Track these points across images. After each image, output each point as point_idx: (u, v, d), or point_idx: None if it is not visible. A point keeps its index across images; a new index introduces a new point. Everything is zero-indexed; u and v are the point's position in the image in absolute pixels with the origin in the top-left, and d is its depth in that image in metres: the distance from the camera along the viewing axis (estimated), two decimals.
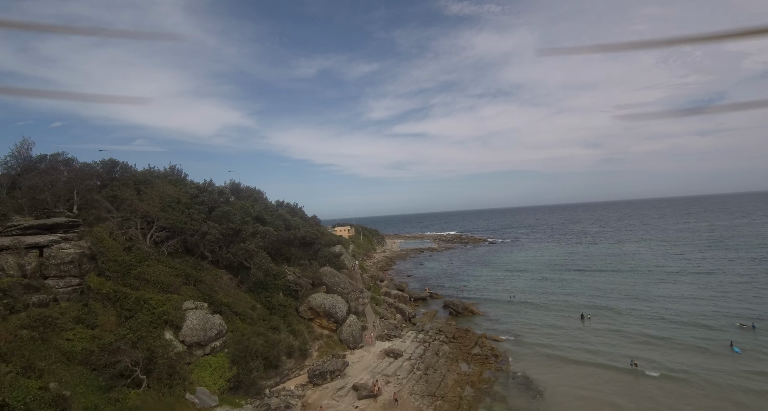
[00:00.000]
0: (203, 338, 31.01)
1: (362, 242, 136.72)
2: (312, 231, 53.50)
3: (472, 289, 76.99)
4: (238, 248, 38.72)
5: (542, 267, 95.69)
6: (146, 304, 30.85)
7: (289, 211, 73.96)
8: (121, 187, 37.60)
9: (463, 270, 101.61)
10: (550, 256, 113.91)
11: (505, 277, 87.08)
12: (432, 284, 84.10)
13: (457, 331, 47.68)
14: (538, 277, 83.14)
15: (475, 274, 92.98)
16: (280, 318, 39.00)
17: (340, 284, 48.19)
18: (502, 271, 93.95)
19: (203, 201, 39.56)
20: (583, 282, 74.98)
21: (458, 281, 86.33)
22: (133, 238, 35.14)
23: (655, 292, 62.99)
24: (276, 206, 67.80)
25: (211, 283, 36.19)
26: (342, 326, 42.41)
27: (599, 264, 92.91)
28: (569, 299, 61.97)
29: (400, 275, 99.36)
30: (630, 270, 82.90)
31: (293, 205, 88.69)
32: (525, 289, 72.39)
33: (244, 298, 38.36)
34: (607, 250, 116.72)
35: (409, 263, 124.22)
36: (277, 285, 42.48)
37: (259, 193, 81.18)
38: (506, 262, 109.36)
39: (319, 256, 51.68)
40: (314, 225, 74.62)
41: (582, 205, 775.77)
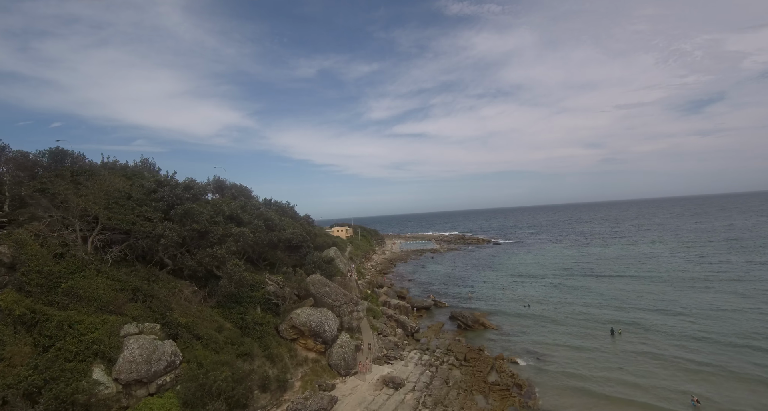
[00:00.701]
0: (147, 374, 23.88)
1: (360, 243, 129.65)
2: (299, 233, 46.42)
3: (480, 296, 69.90)
4: (205, 254, 31.62)
5: (554, 271, 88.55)
6: (72, 328, 23.77)
7: (278, 210, 66.91)
8: (53, 179, 30.40)
9: (468, 274, 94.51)
10: (561, 258, 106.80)
11: (515, 282, 79.96)
12: (436, 291, 77.03)
13: (468, 351, 40.54)
14: (551, 283, 76.02)
15: (482, 279, 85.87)
16: (255, 340, 31.88)
17: (330, 295, 41.11)
18: (511, 276, 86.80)
19: (162, 197, 32.49)
20: (602, 289, 67.82)
21: (464, 287, 79.27)
22: (70, 243, 28.04)
23: (687, 303, 55.88)
24: (261, 204, 60.69)
25: (167, 299, 29.06)
26: (332, 348, 35.32)
27: (616, 268, 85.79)
28: (590, 311, 54.77)
29: (400, 280, 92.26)
30: (651, 276, 75.78)
31: (284, 203, 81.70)
32: (539, 298, 65.27)
33: (210, 316, 31.24)
34: (621, 252, 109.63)
35: (410, 266, 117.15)
36: (254, 298, 35.37)
37: (246, 190, 74.21)
38: (514, 265, 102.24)
39: (307, 262, 44.61)
40: (306, 225, 67.58)
41: (583, 205, 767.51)
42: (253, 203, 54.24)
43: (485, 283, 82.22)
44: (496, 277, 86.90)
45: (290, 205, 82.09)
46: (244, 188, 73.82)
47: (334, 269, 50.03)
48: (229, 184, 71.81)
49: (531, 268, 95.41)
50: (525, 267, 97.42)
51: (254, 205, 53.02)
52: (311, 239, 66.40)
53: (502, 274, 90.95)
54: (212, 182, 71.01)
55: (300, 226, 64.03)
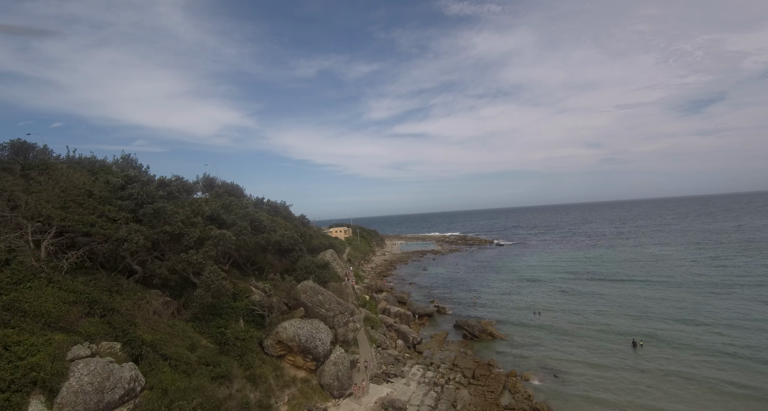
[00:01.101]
0: (97, 405, 19.86)
1: (359, 245, 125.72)
2: (290, 235, 42.42)
3: (485, 302, 65.88)
4: (178, 260, 27.63)
5: (561, 275, 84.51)
6: (8, 351, 19.82)
7: (270, 210, 62.99)
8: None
9: (471, 277, 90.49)
10: (567, 261, 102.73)
11: (522, 287, 75.91)
12: (438, 295, 73.05)
13: (476, 367, 36.52)
14: (559, 288, 71.96)
15: (487, 283, 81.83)
16: (235, 358, 27.93)
17: (324, 304, 37.14)
18: (516, 280, 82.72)
19: (131, 195, 28.55)
20: (614, 295, 63.74)
21: (468, 291, 75.27)
22: (18, 249, 24.09)
23: (710, 312, 51.84)
24: (250, 204, 56.75)
25: (131, 313, 25.09)
26: (324, 365, 31.33)
27: (626, 272, 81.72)
28: (605, 321, 50.62)
29: (400, 283, 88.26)
30: (666, 280, 71.72)
31: (279, 203, 77.86)
32: (548, 304, 61.23)
33: (184, 331, 27.27)
34: (629, 254, 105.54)
35: (411, 268, 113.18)
36: (236, 309, 31.43)
37: (238, 189, 70.42)
38: (519, 267, 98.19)
39: (299, 267, 40.60)
40: (300, 226, 63.65)
41: (584, 205, 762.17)
42: (241, 202, 50.27)
43: (489, 287, 78.21)
44: (501, 281, 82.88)
45: (285, 204, 78.31)
46: (236, 187, 70.03)
47: (328, 274, 46.07)
48: (219, 182, 68.02)
49: (537, 271, 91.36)
50: (530, 270, 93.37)
51: (243, 204, 49.04)
52: (306, 241, 62.52)
53: (506, 277, 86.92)
54: (201, 181, 67.23)
55: (294, 228, 60.14)
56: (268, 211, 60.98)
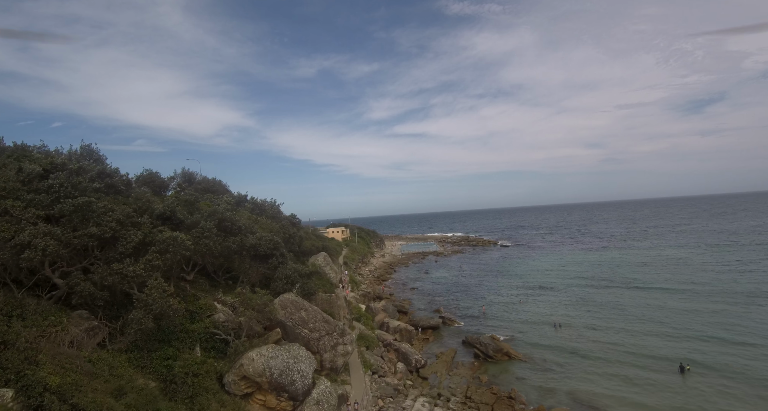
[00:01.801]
0: None
1: (357, 246, 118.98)
2: (268, 238, 35.52)
3: (495, 311, 59.09)
4: (107, 272, 20.89)
5: (576, 280, 77.69)
6: None
7: (254, 208, 56.18)
8: None
9: (477, 282, 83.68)
10: (580, 264, 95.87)
11: (534, 294, 69.08)
12: (443, 303, 66.26)
13: (495, 401, 29.72)
14: (576, 296, 65.12)
15: (494, 289, 75.01)
16: (184, 402, 21.16)
17: (307, 323, 30.39)
18: (527, 286, 75.89)
19: (51, 187, 21.89)
20: (640, 306, 56.79)
21: (475, 298, 68.51)
22: None
23: (757, 328, 44.96)
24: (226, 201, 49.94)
25: (31, 346, 18.31)
26: (304, 405, 24.53)
27: (648, 278, 74.82)
28: (637, 341, 43.00)
29: (401, 289, 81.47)
30: (693, 288, 64.70)
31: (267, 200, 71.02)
32: (567, 316, 54.41)
33: (112, 367, 20.49)
34: (646, 257, 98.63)
35: (412, 271, 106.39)
36: (192, 333, 24.68)
37: (219, 185, 63.71)
38: (528, 271, 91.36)
39: (278, 277, 33.76)
40: (289, 227, 56.89)
41: (586, 205, 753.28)
42: (214, 199, 43.58)
43: (498, 293, 71.40)
44: (510, 287, 76.04)
45: (275, 203, 71.60)
46: (218, 183, 63.28)
47: (316, 284, 39.29)
48: (199, 177, 61.36)
49: (548, 275, 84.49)
50: (541, 274, 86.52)
51: (215, 201, 42.33)
52: (296, 243, 55.70)
53: (515, 282, 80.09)
54: (179, 176, 60.56)
55: (281, 228, 53.37)
56: (251, 210, 54.21)
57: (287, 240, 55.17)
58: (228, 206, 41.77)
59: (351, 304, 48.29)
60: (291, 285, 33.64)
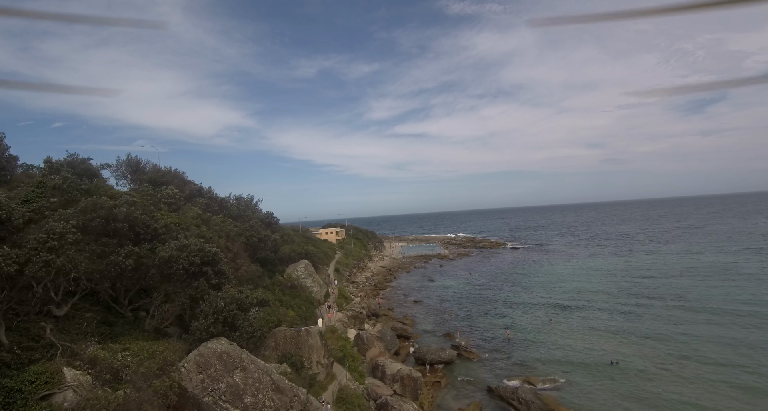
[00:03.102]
0: None
1: (353, 249, 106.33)
2: (196, 247, 22.70)
3: (523, 334, 46.42)
4: None
5: (611, 292, 65.02)
6: None
7: (209, 204, 43.59)
8: None
9: (492, 293, 71.00)
10: (609, 271, 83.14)
11: (565, 311, 56.34)
12: (454, 320, 53.60)
13: None
14: (621, 316, 52.30)
15: (516, 303, 62.33)
16: None
17: (242, 395, 17.69)
18: (554, 299, 63.15)
19: None
20: (710, 339, 43.06)
21: (493, 315, 55.86)
22: None
23: None
24: (171, 194, 37.35)
25: None
26: None
27: (701, 293, 61.40)
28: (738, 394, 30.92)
29: (401, 301, 68.75)
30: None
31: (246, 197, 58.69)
32: (620, 345, 41.75)
33: None
34: (684, 264, 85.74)
35: (415, 277, 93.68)
36: None
37: (176, 176, 51.16)
38: (550, 279, 78.67)
39: (200, 313, 20.95)
40: (259, 229, 44.27)
41: (589, 205, 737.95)
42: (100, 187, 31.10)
43: (520, 309, 58.74)
44: (533, 300, 63.36)
45: (252, 199, 59.16)
46: (173, 173, 50.61)
47: (273, 318, 26.66)
48: (149, 168, 48.92)
49: (574, 285, 71.75)
50: (566, 284, 73.81)
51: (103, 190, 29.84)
52: (270, 248, 43.31)
53: (538, 294, 67.41)
54: (122, 163, 48.20)
55: (246, 231, 40.90)
56: (206, 206, 41.62)
57: (255, 245, 42.62)
58: (151, 199, 29.16)
59: (335, 334, 35.67)
60: (227, 326, 20.90)
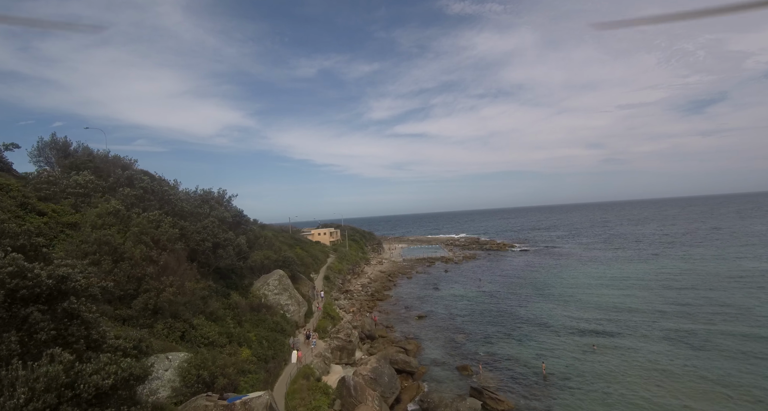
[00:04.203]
0: None
1: (348, 252, 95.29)
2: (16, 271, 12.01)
3: (564, 372, 35.48)
4: None
5: (655, 306, 54.12)
6: None
7: (140, 197, 32.62)
8: None
9: (510, 305, 60.04)
10: (640, 279, 72.23)
11: (605, 332, 45.40)
12: (470, 345, 42.64)
13: None
14: (678, 341, 41.48)
15: (540, 319, 51.40)
16: None
17: None
18: (587, 315, 52.25)
19: None
20: None
21: (519, 339, 44.81)
22: None
23: None
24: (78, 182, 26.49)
25: None
26: None
27: None
28: None
29: (402, 315, 57.70)
30: None
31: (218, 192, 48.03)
32: (693, 386, 30.94)
33: None
34: (728, 270, 74.84)
35: (417, 284, 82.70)
36: None
37: (116, 161, 40.63)
38: (576, 289, 67.68)
39: None
40: (214, 231, 33.33)
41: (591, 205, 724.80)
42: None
43: (548, 327, 47.84)
44: (560, 315, 52.46)
45: (224, 194, 48.32)
46: (112, 159, 39.86)
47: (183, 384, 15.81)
48: (80, 150, 38.34)
49: (609, 298, 60.66)
50: (597, 296, 62.81)
51: None
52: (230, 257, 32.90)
53: (565, 307, 56.51)
54: (45, 144, 37.93)
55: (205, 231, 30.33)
56: (137, 200, 30.62)
57: (208, 252, 31.75)
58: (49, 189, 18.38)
59: (309, 380, 24.73)
60: None
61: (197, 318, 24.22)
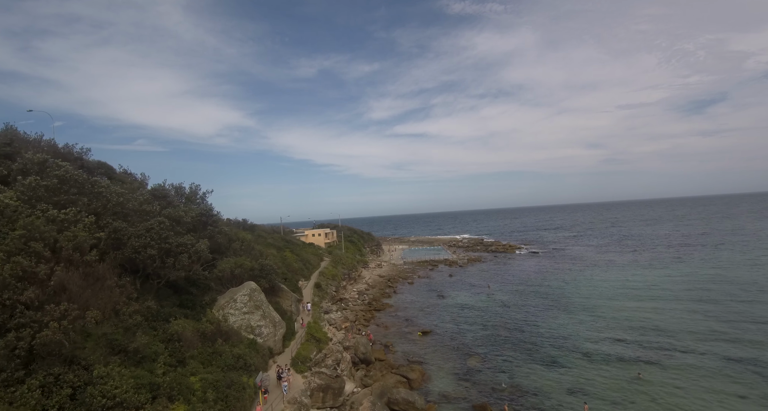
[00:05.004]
0: None
1: (343, 255, 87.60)
2: None
3: (609, 410, 27.92)
4: None
5: (699, 323, 46.62)
6: None
7: (51, 188, 24.71)
8: None
9: (526, 317, 52.41)
10: (671, 288, 64.61)
11: (647, 353, 37.78)
12: (491, 374, 34.97)
13: None
14: (744, 369, 33.95)
15: (566, 338, 43.66)
16: None
17: None
18: (619, 332, 44.62)
19: None
20: None
21: (544, 361, 37.21)
22: None
23: None
24: None
25: None
26: None
27: None
28: None
29: (404, 331, 49.84)
30: None
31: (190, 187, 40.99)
32: None
33: None
34: None
35: (420, 291, 75.02)
36: None
37: (35, 142, 32.87)
38: (597, 299, 60.02)
39: None
40: (161, 232, 25.63)
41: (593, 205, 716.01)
42: None
43: (578, 350, 40.09)
44: (589, 333, 44.81)
45: (197, 189, 41.03)
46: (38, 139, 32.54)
47: None
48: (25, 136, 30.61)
49: (642, 313, 52.51)
50: (620, 307, 55.18)
51: None
52: (184, 266, 25.29)
53: (592, 323, 48.84)
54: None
55: (150, 234, 22.69)
56: (53, 189, 22.89)
57: (151, 260, 24.24)
58: None
59: None
60: None
61: (110, 363, 16.60)
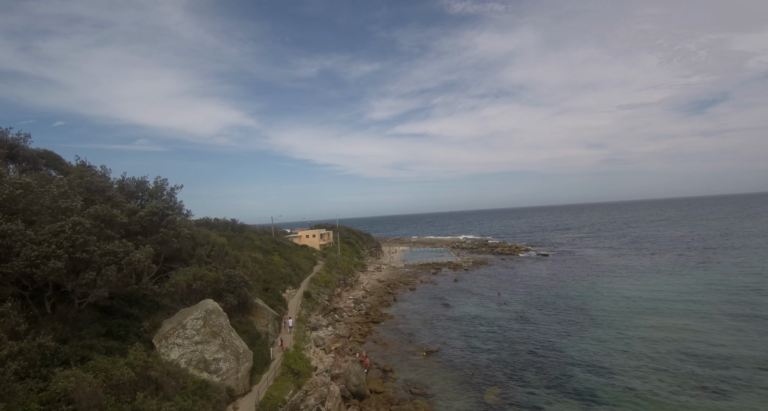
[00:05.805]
0: None
1: (339, 257, 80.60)
2: None
3: None
4: None
5: (743, 338, 39.67)
6: None
7: None
8: None
9: (546, 331, 45.46)
10: (701, 298, 57.61)
11: (689, 377, 30.84)
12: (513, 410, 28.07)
13: None
14: None
15: (594, 359, 36.63)
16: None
17: None
18: (661, 354, 37.56)
19: None
20: None
21: (575, 393, 30.17)
22: None
23: None
24: None
25: None
26: None
27: None
28: None
29: (404, 349, 42.72)
30: None
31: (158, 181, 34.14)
32: None
33: None
34: None
35: (422, 299, 68.02)
36: None
37: None
38: (625, 311, 52.98)
39: None
40: (79, 237, 18.45)
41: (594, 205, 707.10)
42: None
43: (615, 376, 33.16)
44: (619, 352, 37.84)
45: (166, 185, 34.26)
46: None
47: None
48: None
49: (671, 328, 45.65)
50: (653, 323, 48.09)
51: None
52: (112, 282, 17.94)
53: (618, 338, 41.83)
54: None
55: (60, 238, 14.89)
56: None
57: (58, 275, 16.80)
58: None
59: None
60: None
61: None
